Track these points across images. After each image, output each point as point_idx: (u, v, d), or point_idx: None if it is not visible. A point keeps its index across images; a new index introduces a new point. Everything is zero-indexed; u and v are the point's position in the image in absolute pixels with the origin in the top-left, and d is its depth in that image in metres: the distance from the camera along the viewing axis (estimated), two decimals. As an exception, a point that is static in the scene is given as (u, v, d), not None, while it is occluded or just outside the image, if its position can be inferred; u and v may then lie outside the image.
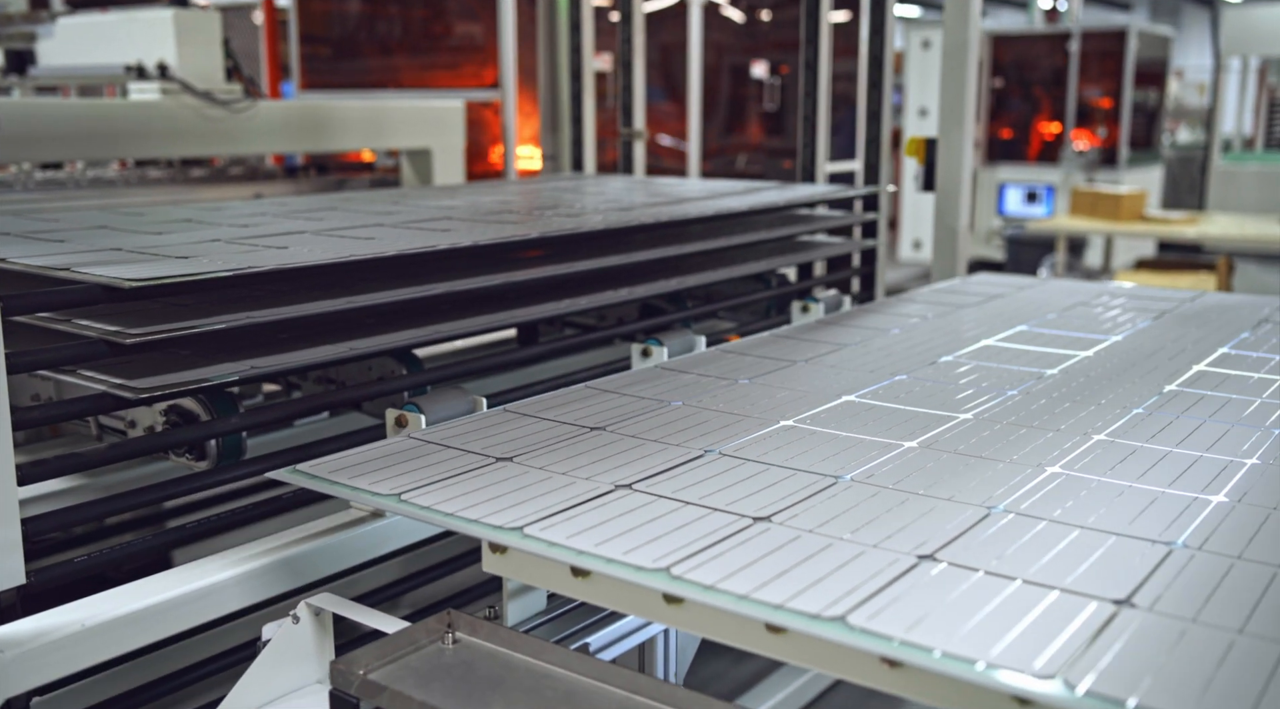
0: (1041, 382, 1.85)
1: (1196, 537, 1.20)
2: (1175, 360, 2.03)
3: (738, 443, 1.54)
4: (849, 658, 0.99)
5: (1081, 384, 1.85)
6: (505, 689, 1.24)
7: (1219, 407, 1.71)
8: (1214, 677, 0.90)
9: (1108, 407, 1.70)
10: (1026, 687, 0.88)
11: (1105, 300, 2.69)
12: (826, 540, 1.18)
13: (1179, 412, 1.68)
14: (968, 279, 2.97)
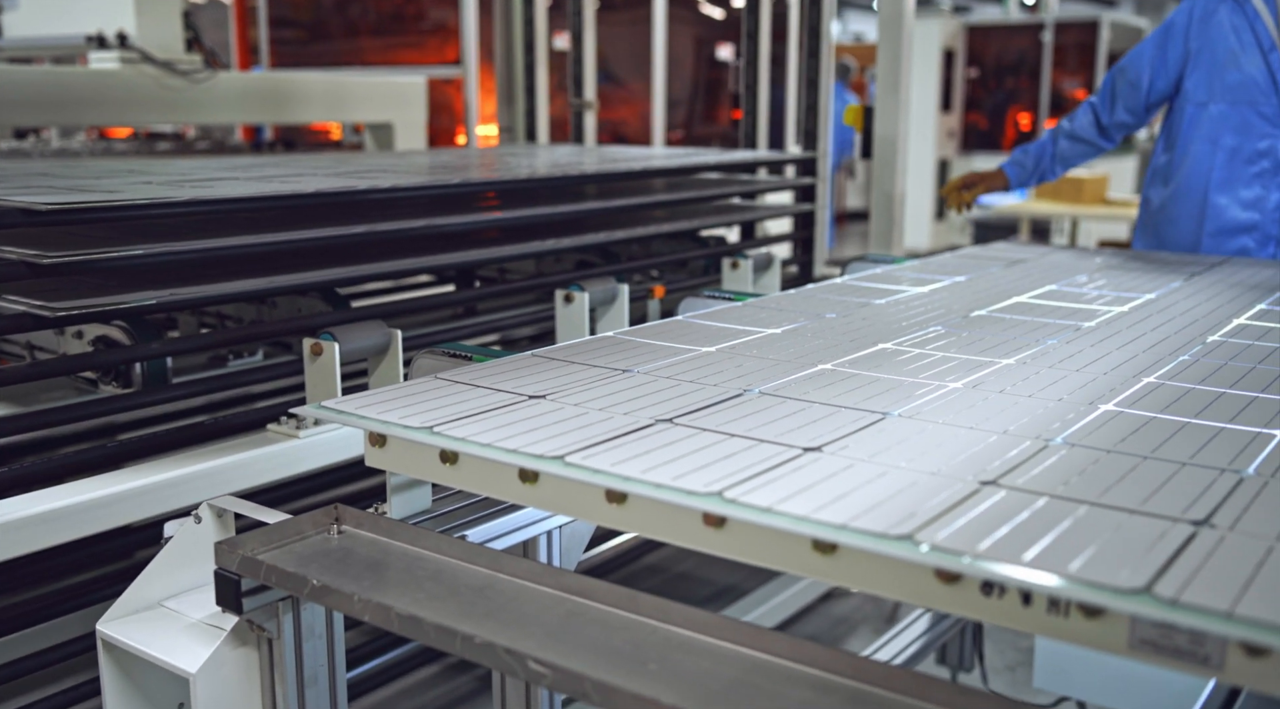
0: (1080, 333, 1.86)
1: (1268, 466, 1.19)
2: (1213, 315, 2.04)
3: (777, 383, 1.52)
4: (911, 576, 0.99)
5: (1119, 333, 1.87)
6: (379, 569, 1.32)
7: (1266, 355, 1.71)
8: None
9: (1152, 353, 1.73)
10: (1097, 599, 0.88)
11: (1118, 263, 2.77)
12: (881, 468, 1.16)
13: (1226, 358, 1.69)
14: (988, 246, 3.03)
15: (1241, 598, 0.87)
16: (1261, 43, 2.88)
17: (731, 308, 2.09)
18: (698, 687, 1.05)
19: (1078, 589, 0.90)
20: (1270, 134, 2.90)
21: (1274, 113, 2.89)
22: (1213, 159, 2.97)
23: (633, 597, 1.20)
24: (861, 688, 1.04)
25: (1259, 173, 2.93)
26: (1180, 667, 0.90)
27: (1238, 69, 2.91)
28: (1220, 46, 2.93)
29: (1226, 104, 2.93)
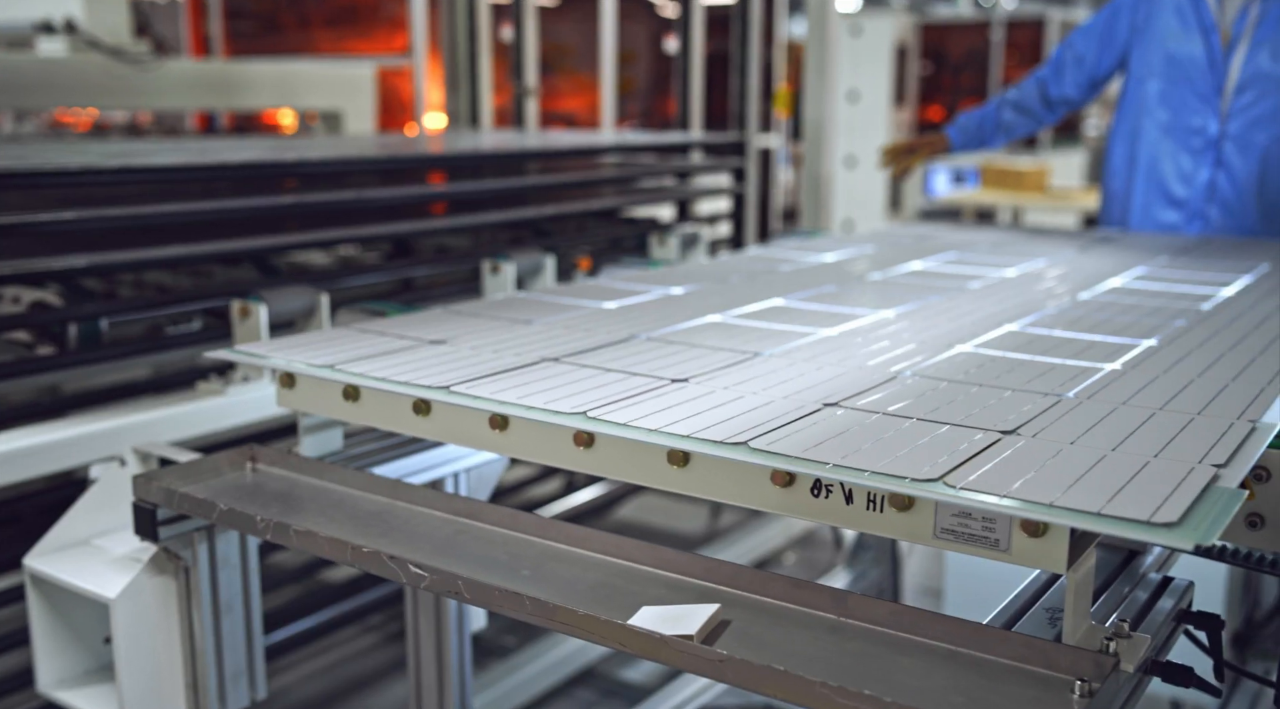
0: (962, 292, 1.98)
1: (1086, 392, 1.32)
2: (1090, 279, 2.21)
3: (665, 331, 1.62)
4: (753, 483, 1.10)
5: (998, 292, 2.01)
6: (287, 499, 1.42)
7: (1125, 309, 1.87)
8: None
9: (1021, 307, 1.86)
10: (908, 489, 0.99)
11: (1023, 236, 2.90)
12: (739, 394, 1.27)
13: (1087, 312, 1.86)
14: (908, 225, 3.15)
15: (1018, 483, 0.99)
16: (1203, 22, 2.98)
17: (642, 272, 2.20)
18: (564, 587, 1.16)
19: (880, 480, 1.01)
20: (1204, 112, 3.01)
21: (1210, 92, 2.99)
22: (1147, 134, 3.08)
23: (515, 516, 1.30)
24: (710, 585, 1.15)
25: (1191, 150, 3.03)
26: (977, 551, 1.02)
27: (1178, 47, 3.01)
28: (1163, 24, 3.03)
29: (1165, 81, 3.03)
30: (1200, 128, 3.01)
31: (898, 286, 2.05)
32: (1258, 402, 1.26)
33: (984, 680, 0.97)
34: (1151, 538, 0.89)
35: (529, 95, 4.42)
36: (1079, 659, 0.97)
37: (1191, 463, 1.05)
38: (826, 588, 1.10)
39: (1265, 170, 2.98)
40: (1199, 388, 1.33)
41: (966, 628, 1.03)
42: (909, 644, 1.03)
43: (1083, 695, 0.93)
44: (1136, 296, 1.96)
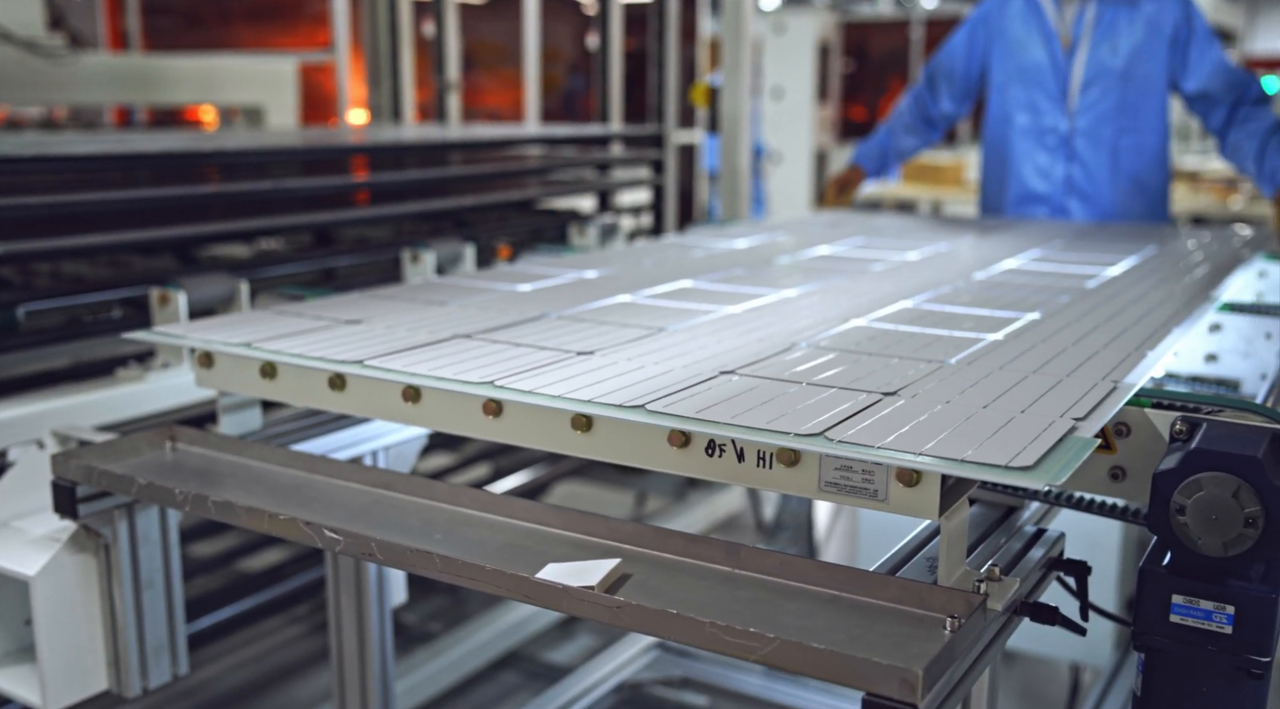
0: (865, 273, 2.07)
1: (967, 359, 1.40)
2: (986, 260, 2.29)
3: (576, 310, 1.68)
4: (652, 444, 1.16)
5: (899, 273, 2.08)
6: (206, 475, 1.45)
7: (1016, 287, 1.97)
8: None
9: (917, 286, 1.94)
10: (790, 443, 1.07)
11: (929, 224, 2.99)
12: (641, 364, 1.34)
13: (980, 290, 1.94)
14: (820, 213, 3.26)
15: (893, 436, 1.06)
16: (1043, 28, 3.17)
17: (557, 257, 2.26)
18: (474, 547, 1.21)
19: (766, 437, 1.08)
20: (1054, 112, 3.19)
21: (1058, 92, 3.17)
22: (1011, 135, 3.25)
23: (428, 485, 1.35)
24: (613, 544, 1.21)
25: (1047, 148, 3.22)
26: (858, 502, 1.10)
27: (1025, 53, 3.20)
28: (1011, 33, 3.22)
29: (1020, 86, 3.22)
30: (1053, 127, 3.19)
31: (804, 269, 2.12)
32: (1122, 365, 1.35)
33: (864, 620, 1.04)
34: (1008, 479, 0.97)
35: (451, 90, 4.45)
36: (951, 599, 1.05)
37: (1054, 418, 1.13)
38: (721, 541, 1.17)
39: (1115, 161, 3.18)
40: (1072, 355, 1.42)
41: (849, 574, 1.10)
42: (797, 591, 1.10)
43: (951, 630, 1.01)
44: (1028, 276, 2.06)
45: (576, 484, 4.06)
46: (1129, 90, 3.13)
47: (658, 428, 1.17)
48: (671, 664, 2.74)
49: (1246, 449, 1.09)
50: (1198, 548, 1.09)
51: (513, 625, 3.07)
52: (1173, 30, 3.11)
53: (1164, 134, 3.22)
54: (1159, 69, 3.12)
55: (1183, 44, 3.11)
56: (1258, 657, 1.09)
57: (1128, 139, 3.15)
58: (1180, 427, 1.18)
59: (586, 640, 3.26)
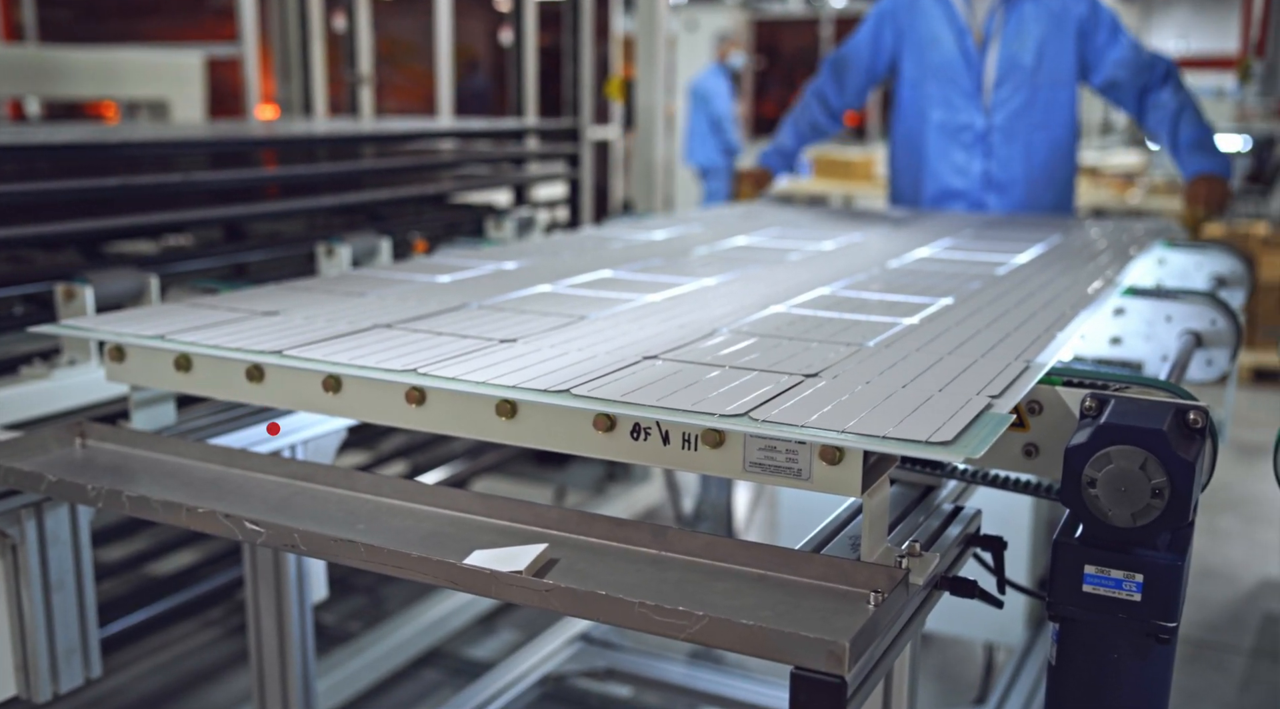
0: (782, 263, 2.08)
1: (884, 343, 1.43)
2: (900, 249, 2.32)
3: (497, 300, 1.67)
4: (577, 429, 1.16)
5: (815, 262, 2.10)
6: (119, 471, 1.41)
7: (929, 274, 1.99)
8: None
9: (834, 273, 1.95)
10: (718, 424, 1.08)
11: (843, 214, 3.03)
12: (564, 351, 1.34)
13: (895, 278, 1.96)
14: (733, 205, 3.27)
15: (816, 415, 1.08)
16: (956, 25, 3.22)
17: (476, 250, 2.24)
18: (398, 536, 1.20)
19: (691, 418, 1.09)
20: (969, 109, 3.25)
21: (972, 89, 3.23)
22: (926, 132, 3.30)
23: (350, 475, 1.34)
24: (538, 529, 1.21)
25: (963, 144, 3.28)
26: (783, 482, 1.11)
27: (938, 50, 3.25)
28: (924, 30, 3.27)
29: (934, 83, 3.27)
30: (968, 123, 3.26)
31: (722, 259, 2.14)
32: (1034, 346, 1.39)
33: (789, 597, 1.05)
34: (929, 454, 0.99)
35: (363, 84, 4.39)
36: (875, 574, 1.07)
37: (970, 396, 1.16)
38: (647, 524, 1.17)
39: (1029, 156, 3.25)
40: (985, 337, 1.45)
41: (775, 553, 1.11)
42: (723, 571, 1.11)
43: (875, 605, 1.03)
44: (939, 264, 2.10)
45: (494, 480, 4.05)
46: (1041, 85, 3.21)
47: (583, 412, 1.18)
48: (596, 655, 2.74)
49: (1152, 423, 1.13)
50: (1108, 519, 1.13)
51: (433, 622, 3.05)
52: (1079, 24, 3.19)
53: (1073, 128, 3.31)
54: (1068, 63, 3.20)
55: (1090, 36, 3.19)
56: (1165, 622, 1.13)
57: (1041, 134, 3.23)
58: (1090, 403, 1.22)
59: (509, 635, 3.25)
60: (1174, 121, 3.10)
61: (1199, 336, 1.84)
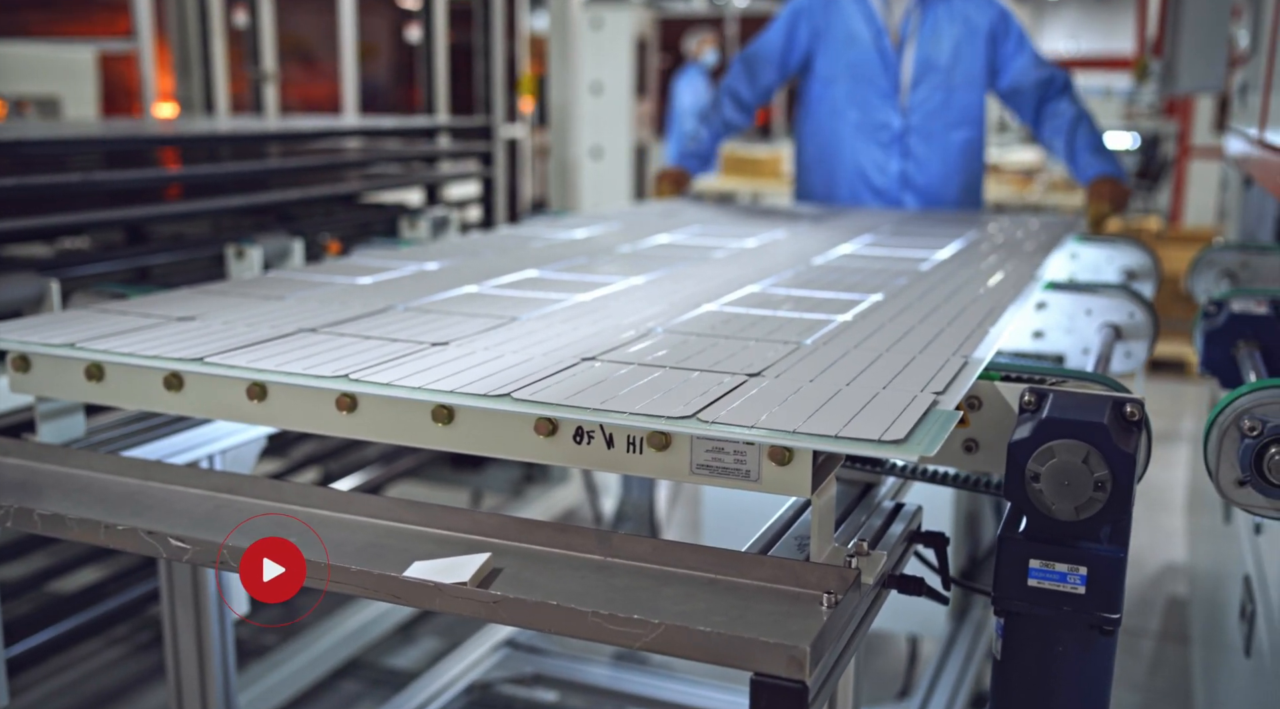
0: (707, 260, 2.06)
1: (821, 340, 1.42)
2: (823, 246, 2.31)
3: (423, 302, 1.63)
4: (518, 434, 1.14)
5: (740, 259, 2.09)
6: (27, 487, 1.34)
7: (853, 271, 1.99)
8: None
9: (760, 271, 1.93)
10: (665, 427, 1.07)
11: (763, 211, 3.02)
12: (499, 354, 1.30)
13: (821, 274, 1.95)
14: (650, 203, 3.24)
15: (764, 416, 1.06)
16: (873, 25, 3.25)
17: (394, 250, 2.19)
18: (335, 549, 1.16)
19: (637, 421, 1.07)
20: (886, 109, 3.28)
21: (889, 89, 3.27)
22: (842, 131, 3.33)
23: (277, 486, 1.29)
24: (478, 538, 1.18)
25: (881, 144, 3.31)
26: (731, 484, 1.09)
27: (855, 50, 3.27)
28: (841, 29, 3.29)
29: (849, 81, 3.29)
30: (885, 123, 3.29)
31: (646, 257, 2.12)
32: (969, 341, 1.40)
33: (741, 601, 1.03)
34: (883, 453, 0.98)
35: (267, 81, 4.27)
36: (826, 575, 1.05)
37: (914, 392, 1.16)
38: (591, 530, 1.15)
39: (945, 156, 3.30)
40: (920, 333, 1.45)
41: (724, 556, 1.10)
42: (672, 576, 1.09)
43: (829, 606, 1.02)
44: (864, 260, 2.11)
45: (410, 485, 3.97)
46: (955, 86, 3.25)
47: (523, 416, 1.14)
48: (522, 661, 2.70)
49: (1092, 417, 1.14)
50: (1052, 513, 1.13)
51: (352, 632, 2.98)
52: (990, 28, 3.25)
53: (983, 128, 3.36)
54: (980, 66, 3.25)
55: (1000, 42, 3.25)
56: (1109, 614, 1.14)
57: (956, 134, 3.28)
58: (1029, 398, 1.22)
59: (431, 643, 3.19)
60: (1071, 130, 3.18)
61: (1118, 329, 1.88)
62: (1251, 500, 1.26)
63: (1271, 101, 2.50)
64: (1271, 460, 1.22)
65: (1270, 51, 2.52)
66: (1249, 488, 1.26)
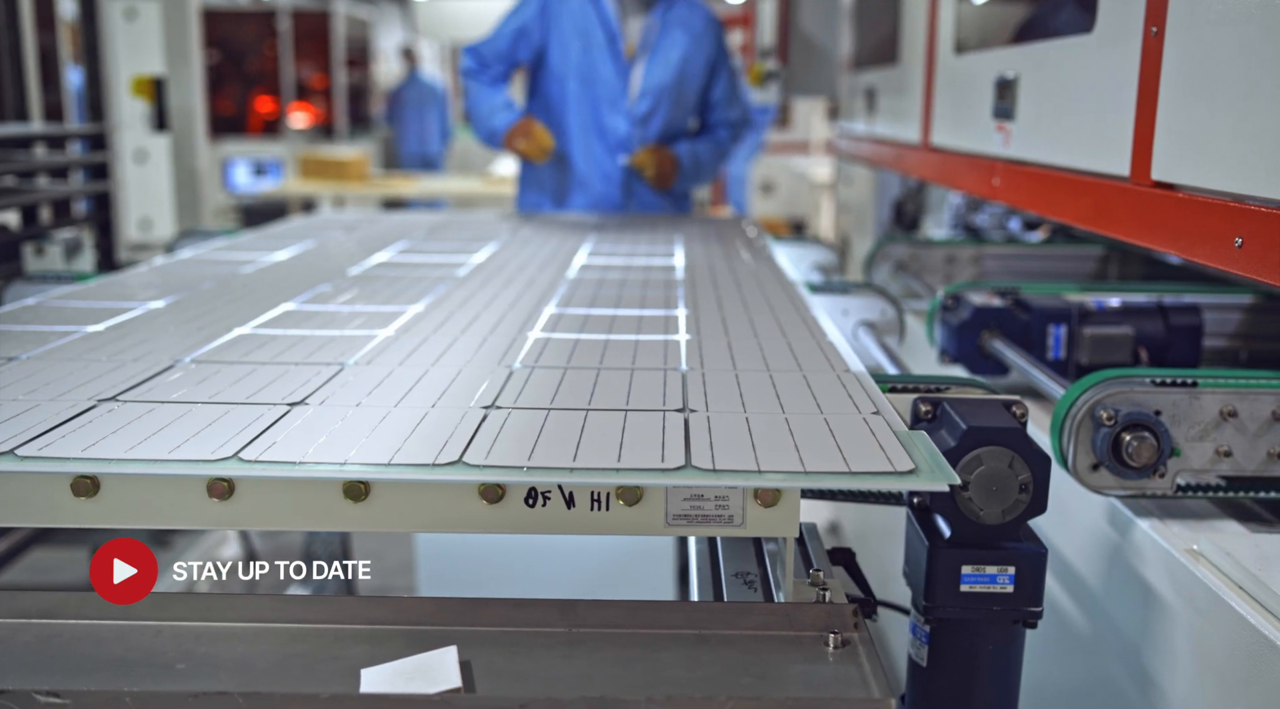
0: (459, 280, 1.89)
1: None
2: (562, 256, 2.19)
3: (202, 351, 1.35)
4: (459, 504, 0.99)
5: (493, 277, 1.93)
6: None
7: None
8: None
9: (530, 289, 1.78)
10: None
11: (442, 220, 2.82)
12: (382, 410, 1.14)
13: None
14: (312, 217, 2.92)
15: (746, 456, 1.00)
16: (608, 31, 3.21)
17: (90, 287, 1.86)
18: (243, 670, 0.95)
19: (611, 477, 0.97)
20: (614, 115, 3.26)
21: (618, 96, 3.24)
22: (570, 132, 3.27)
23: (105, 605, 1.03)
24: (412, 628, 1.02)
25: (608, 146, 3.28)
26: (709, 531, 1.02)
27: (588, 53, 3.22)
28: (576, 34, 3.22)
29: (580, 83, 3.23)
30: (613, 127, 3.28)
31: (391, 281, 1.95)
32: (834, 356, 1.41)
33: (755, 655, 0.97)
34: (907, 486, 0.96)
35: None
36: (818, 614, 1.01)
37: (857, 416, 1.14)
38: (548, 602, 1.03)
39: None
40: (779, 349, 1.44)
41: (700, 610, 1.02)
42: (655, 639, 1.00)
43: (836, 647, 0.98)
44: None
45: (43, 551, 3.41)
46: (678, 102, 3.30)
47: (461, 485, 1.00)
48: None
49: (1005, 422, 1.18)
50: (980, 518, 1.16)
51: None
52: (710, 59, 3.33)
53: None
54: (697, 87, 3.33)
55: (714, 68, 3.35)
56: (1034, 607, 1.19)
57: (679, 147, 3.32)
58: (925, 408, 1.25)
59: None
60: (707, 139, 3.35)
61: (873, 326, 1.98)
62: (1104, 482, 1.37)
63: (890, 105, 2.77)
64: (1129, 446, 1.34)
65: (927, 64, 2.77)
66: (1103, 471, 1.37)
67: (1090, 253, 2.66)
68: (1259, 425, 1.34)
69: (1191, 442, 1.35)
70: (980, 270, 2.69)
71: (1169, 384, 1.35)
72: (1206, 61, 1.35)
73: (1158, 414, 1.35)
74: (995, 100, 2.09)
